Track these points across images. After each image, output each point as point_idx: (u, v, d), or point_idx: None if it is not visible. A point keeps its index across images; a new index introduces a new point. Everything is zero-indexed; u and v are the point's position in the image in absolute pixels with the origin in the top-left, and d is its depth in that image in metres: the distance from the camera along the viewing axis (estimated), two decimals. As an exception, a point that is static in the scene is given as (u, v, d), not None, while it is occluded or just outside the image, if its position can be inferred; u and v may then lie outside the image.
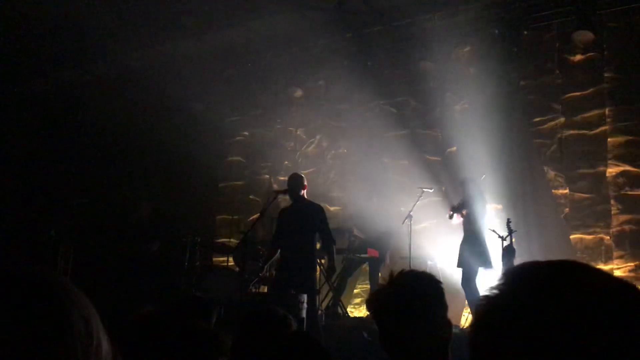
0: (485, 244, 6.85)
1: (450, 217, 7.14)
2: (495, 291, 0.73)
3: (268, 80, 10.24)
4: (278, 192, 6.57)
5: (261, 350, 1.50)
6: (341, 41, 9.70)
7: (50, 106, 10.81)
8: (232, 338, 2.06)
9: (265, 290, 7.21)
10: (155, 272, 7.91)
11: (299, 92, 10.24)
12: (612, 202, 7.73)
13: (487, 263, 6.81)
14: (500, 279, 0.74)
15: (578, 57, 8.33)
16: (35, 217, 9.12)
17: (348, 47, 9.60)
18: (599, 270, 0.74)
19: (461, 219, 7.13)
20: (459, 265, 6.93)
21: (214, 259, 9.63)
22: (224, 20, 9.10)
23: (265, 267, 6.60)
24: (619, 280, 0.72)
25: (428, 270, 7.73)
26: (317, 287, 6.50)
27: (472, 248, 6.85)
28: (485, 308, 0.72)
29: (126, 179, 10.21)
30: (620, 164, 7.78)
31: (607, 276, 0.72)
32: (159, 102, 10.19)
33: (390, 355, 1.64)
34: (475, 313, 0.75)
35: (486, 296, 0.73)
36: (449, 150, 9.07)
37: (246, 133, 10.96)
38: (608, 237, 7.73)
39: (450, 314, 1.73)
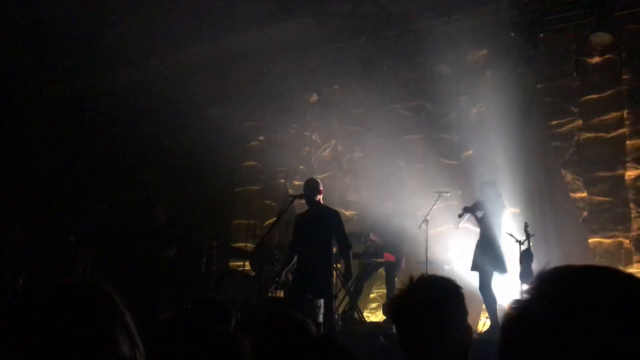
0: (500, 249, 6.76)
1: (460, 216, 6.97)
2: (527, 295, 0.73)
3: (283, 85, 10.27)
4: (294, 197, 6.58)
5: (285, 355, 1.50)
6: (356, 45, 9.70)
7: (69, 113, 10.94)
8: (251, 342, 2.07)
9: (282, 295, 7.22)
10: (173, 277, 7.96)
11: (314, 97, 10.25)
12: (632, 205, 7.64)
13: (501, 268, 6.72)
14: (533, 283, 0.74)
15: (596, 59, 8.25)
16: (55, 223, 9.22)
17: (363, 52, 9.60)
18: (631, 275, 0.74)
19: (467, 224, 7.05)
20: (473, 269, 6.86)
21: (231, 263, 9.67)
22: (240, 27, 9.16)
23: (283, 272, 6.61)
24: None
25: (444, 275, 7.64)
26: (334, 292, 6.49)
27: (487, 252, 6.76)
28: (517, 311, 0.72)
29: (143, 185, 10.30)
30: (639, 167, 7.69)
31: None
32: (176, 108, 10.27)
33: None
34: (507, 315, 0.75)
35: (518, 300, 0.73)
36: (465, 153, 9.02)
37: (262, 138, 11.00)
38: (628, 241, 7.63)
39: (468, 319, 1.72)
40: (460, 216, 6.94)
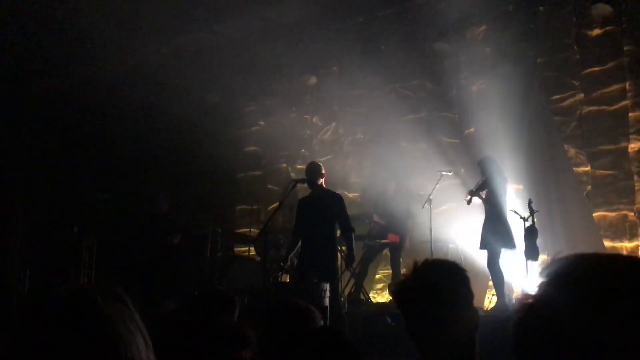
0: (507, 224, 6.75)
1: (469, 202, 7.04)
2: (543, 287, 0.70)
3: (282, 68, 10.19)
4: (296, 182, 6.55)
5: (289, 348, 1.48)
6: (353, 26, 9.60)
7: (69, 104, 10.88)
8: (256, 331, 2.05)
9: (288, 279, 7.22)
10: (178, 265, 7.97)
11: (313, 79, 10.18)
12: (635, 177, 7.59)
13: (509, 244, 6.71)
14: (546, 274, 0.71)
15: (596, 31, 8.15)
16: (58, 215, 9.22)
17: (361, 32, 9.50)
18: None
19: (480, 200, 7.02)
20: (482, 247, 6.84)
21: (236, 249, 9.69)
22: (236, 10, 9.06)
23: (289, 257, 6.60)
24: None
25: (449, 254, 7.66)
26: (339, 275, 6.49)
27: (494, 229, 6.75)
28: (534, 305, 0.69)
29: (145, 174, 10.27)
30: (642, 138, 7.62)
31: None
32: (174, 95, 10.21)
33: (418, 345, 1.62)
34: (522, 309, 0.71)
35: (532, 295, 0.70)
36: (466, 131, 8.96)
37: (262, 122, 10.94)
38: (632, 214, 7.59)
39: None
40: (468, 202, 7.02)
